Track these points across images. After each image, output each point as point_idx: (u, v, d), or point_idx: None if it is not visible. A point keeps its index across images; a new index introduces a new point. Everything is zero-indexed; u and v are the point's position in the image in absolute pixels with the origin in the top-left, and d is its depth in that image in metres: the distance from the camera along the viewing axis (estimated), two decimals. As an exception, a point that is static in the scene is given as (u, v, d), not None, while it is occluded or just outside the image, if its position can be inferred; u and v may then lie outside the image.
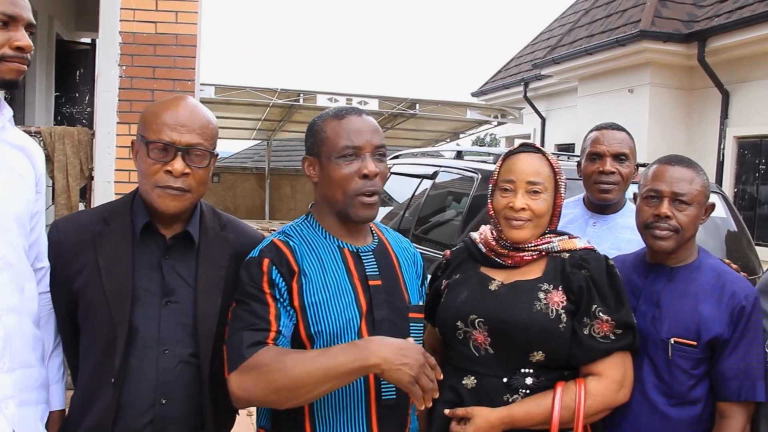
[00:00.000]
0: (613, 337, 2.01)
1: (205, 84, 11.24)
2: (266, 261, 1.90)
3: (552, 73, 13.06)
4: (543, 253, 2.11)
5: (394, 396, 1.92)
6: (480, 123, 14.50)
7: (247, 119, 15.30)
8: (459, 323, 2.08)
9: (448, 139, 16.28)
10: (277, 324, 1.84)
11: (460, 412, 2.02)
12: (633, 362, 2.08)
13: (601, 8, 12.51)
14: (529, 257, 2.10)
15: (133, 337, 1.89)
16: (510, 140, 17.50)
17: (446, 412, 2.04)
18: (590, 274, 2.04)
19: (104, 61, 5.10)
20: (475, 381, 2.05)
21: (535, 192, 2.08)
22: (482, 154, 5.10)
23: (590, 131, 2.82)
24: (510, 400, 2.01)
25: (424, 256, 2.25)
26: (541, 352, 2.00)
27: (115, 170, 5.06)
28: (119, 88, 5.09)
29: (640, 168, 2.75)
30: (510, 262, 2.12)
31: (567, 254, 2.10)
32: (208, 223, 2.05)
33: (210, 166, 1.98)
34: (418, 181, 5.31)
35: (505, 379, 2.03)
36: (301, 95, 12.23)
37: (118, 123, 5.07)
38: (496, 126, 15.22)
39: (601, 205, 2.76)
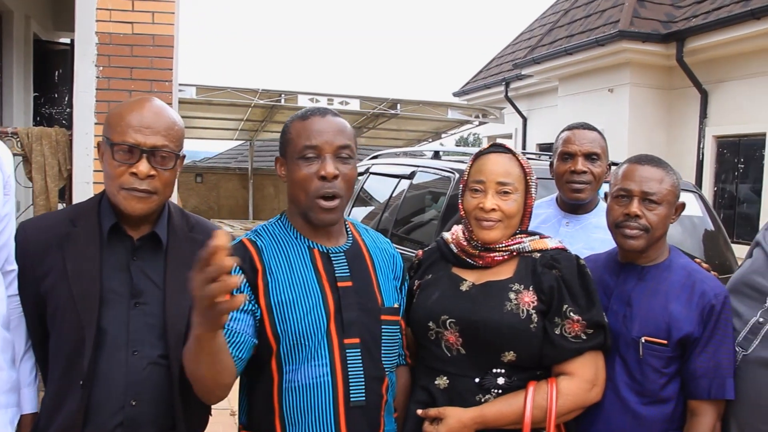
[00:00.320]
0: (584, 337, 2.02)
1: (185, 84, 11.19)
2: None
3: (533, 73, 13.12)
4: (514, 254, 2.11)
5: (363, 398, 1.92)
6: (461, 123, 14.52)
7: (229, 119, 15.23)
8: (431, 324, 2.08)
9: (430, 139, 16.29)
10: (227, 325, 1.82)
11: (432, 412, 2.02)
12: (605, 361, 2.09)
13: (581, 8, 12.58)
14: (500, 257, 2.11)
15: (102, 339, 1.88)
16: (492, 140, 17.53)
17: (419, 412, 2.04)
18: (561, 273, 2.05)
19: (81, 62, 5.06)
20: (448, 381, 2.06)
21: (506, 192, 2.08)
22: (459, 154, 5.12)
23: (562, 131, 2.83)
24: (482, 400, 2.01)
25: (402, 256, 2.26)
26: (512, 352, 2.01)
27: (94, 171, 5.02)
28: (96, 89, 5.05)
29: (612, 167, 2.77)
30: (481, 262, 2.12)
31: (538, 254, 2.11)
32: (177, 225, 2.05)
33: (176, 168, 1.97)
34: (396, 180, 5.31)
35: (477, 379, 2.03)
36: (283, 96, 12.20)
37: (95, 124, 5.03)
38: (477, 126, 15.25)
39: (574, 204, 2.76)
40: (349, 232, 2.11)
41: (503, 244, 2.11)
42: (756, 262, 2.22)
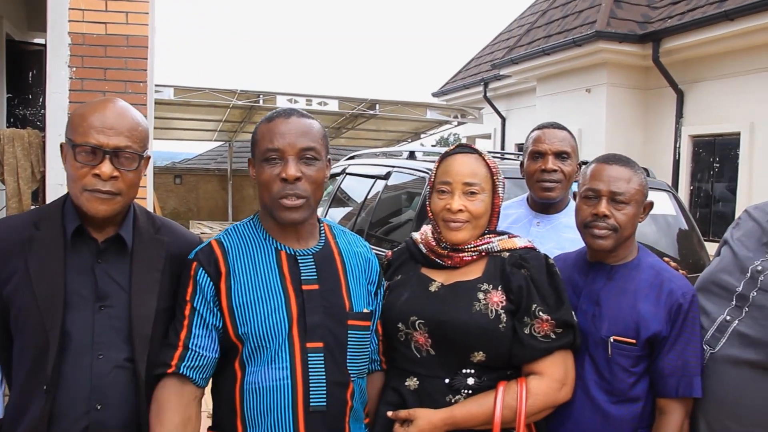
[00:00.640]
0: (553, 336, 2.02)
1: (163, 85, 11.11)
2: (194, 264, 1.95)
3: (511, 73, 13.15)
4: (483, 254, 2.11)
5: (323, 404, 1.91)
6: (440, 123, 14.54)
7: (207, 120, 15.14)
8: (400, 325, 2.08)
9: (410, 140, 16.30)
10: (186, 343, 1.91)
11: (402, 414, 2.01)
12: (574, 361, 2.10)
13: (558, 9, 12.63)
14: (469, 258, 2.11)
15: (66, 343, 1.85)
16: (471, 140, 17.57)
17: (389, 414, 2.04)
18: (530, 273, 2.05)
19: (54, 63, 5.01)
20: (418, 382, 2.05)
21: (472, 193, 2.08)
22: (435, 154, 5.12)
23: (532, 130, 2.84)
24: (452, 400, 2.01)
25: (377, 257, 2.25)
26: (481, 352, 2.00)
27: (67, 173, 4.98)
28: (70, 90, 5.01)
29: (582, 167, 2.78)
30: (450, 262, 2.12)
31: (507, 254, 2.11)
32: (142, 227, 2.03)
33: (140, 169, 1.96)
34: (372, 181, 5.31)
35: (446, 380, 2.03)
36: (261, 96, 12.14)
37: (69, 125, 4.98)
38: (456, 126, 15.27)
39: (544, 204, 2.77)
40: (323, 234, 2.10)
41: (472, 245, 2.11)
42: (723, 260, 2.24)
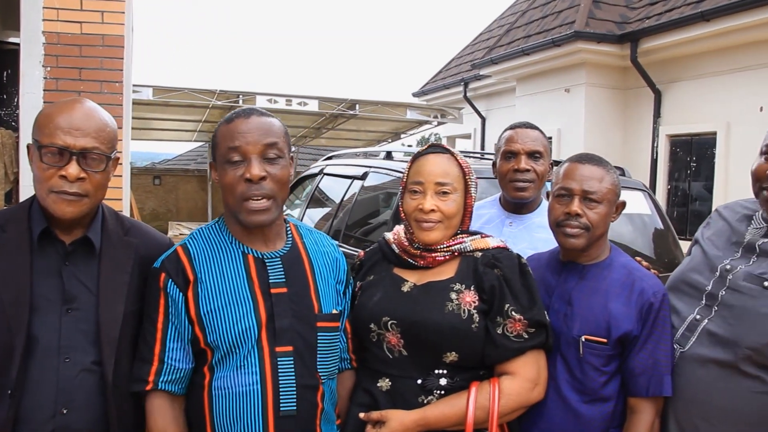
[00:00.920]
0: (526, 336, 2.02)
1: (141, 85, 11.03)
2: (162, 275, 1.93)
3: (491, 73, 13.19)
4: (455, 254, 2.11)
5: (294, 408, 1.90)
6: (420, 123, 14.54)
7: (187, 121, 15.04)
8: (372, 325, 2.07)
9: (390, 140, 16.28)
10: (161, 357, 1.90)
11: (374, 415, 2.00)
12: (547, 360, 2.10)
13: (538, 9, 12.69)
14: (442, 258, 2.10)
15: (32, 346, 1.83)
16: (451, 140, 17.61)
17: (361, 416, 2.03)
18: (502, 273, 2.05)
19: (27, 62, 4.96)
20: (390, 383, 2.05)
21: (445, 193, 2.07)
22: (411, 155, 5.08)
23: (504, 130, 2.84)
24: (425, 401, 2.00)
25: (355, 257, 2.24)
26: (454, 352, 2.00)
27: (42, 174, 4.92)
28: (44, 90, 4.95)
29: (555, 166, 2.78)
30: (422, 263, 2.11)
31: (480, 254, 2.11)
32: (111, 228, 2.01)
33: (108, 170, 1.94)
34: (350, 181, 5.29)
35: (419, 381, 2.02)
36: (241, 96, 12.07)
37: (43, 125, 4.93)
38: (436, 126, 15.28)
39: (517, 204, 2.77)
40: (290, 235, 2.08)
41: (444, 245, 2.10)
42: (694, 259, 2.25)
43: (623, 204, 2.26)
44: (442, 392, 2.01)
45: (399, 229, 2.24)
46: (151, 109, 12.68)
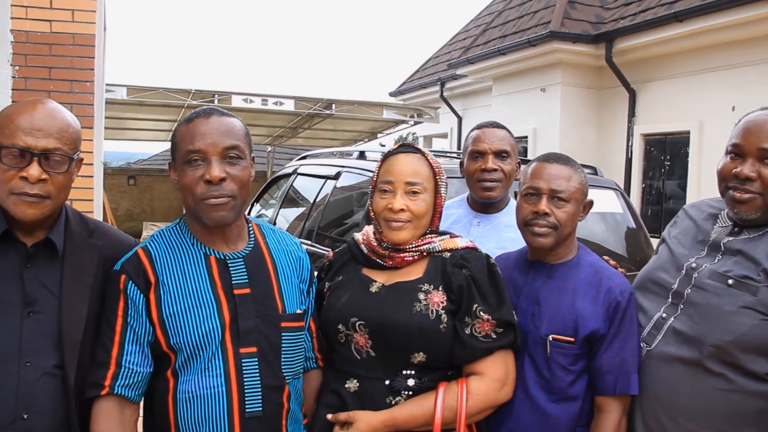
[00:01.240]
0: (494, 336, 2.02)
1: (115, 85, 10.95)
2: (123, 277, 1.90)
3: (467, 72, 13.22)
4: (424, 254, 2.11)
5: (259, 409, 1.89)
6: (397, 123, 14.56)
7: (162, 120, 14.95)
8: (340, 326, 2.06)
9: (366, 139, 16.30)
10: (119, 360, 1.86)
11: (342, 416, 2.00)
12: (515, 360, 2.10)
13: (514, 9, 12.74)
14: (410, 258, 2.10)
15: None
16: (428, 139, 17.65)
17: (329, 417, 2.02)
18: (471, 273, 2.05)
19: (-5, 61, 4.88)
20: (358, 384, 2.04)
21: (414, 192, 2.07)
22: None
23: (471, 130, 2.84)
24: (393, 402, 2.00)
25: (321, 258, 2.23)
26: (422, 353, 2.00)
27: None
28: (12, 89, 4.86)
29: (522, 166, 2.78)
30: (391, 263, 2.11)
31: (448, 254, 2.10)
32: (74, 230, 1.98)
33: (71, 171, 1.91)
34: (323, 181, 5.28)
35: (387, 381, 2.01)
36: (216, 96, 12.02)
37: (12, 126, 4.85)
38: (413, 125, 15.30)
39: (485, 204, 2.77)
40: (252, 235, 2.07)
41: (413, 245, 2.10)
42: (660, 258, 2.27)
43: (591, 203, 2.26)
44: (410, 393, 2.01)
45: (368, 229, 2.23)
46: (125, 108, 12.59)
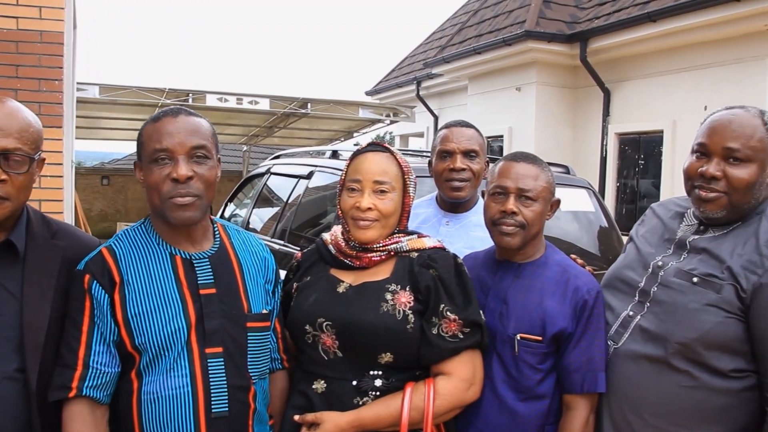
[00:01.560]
0: (461, 336, 2.01)
1: (87, 83, 10.82)
2: (87, 277, 1.87)
3: (443, 72, 13.24)
4: (392, 254, 2.10)
5: (226, 409, 1.88)
6: (373, 122, 14.53)
7: (136, 120, 14.79)
8: (307, 327, 2.04)
9: (342, 138, 16.25)
10: (86, 361, 1.83)
11: (309, 417, 1.98)
12: (483, 359, 2.09)
13: (489, 9, 12.77)
14: (378, 258, 2.08)
15: None
16: (404, 138, 17.66)
17: (296, 418, 2.01)
18: (438, 273, 2.04)
19: (-41, 59, 4.79)
20: (325, 385, 2.02)
21: (382, 191, 2.06)
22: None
23: (440, 129, 2.83)
24: (360, 402, 1.99)
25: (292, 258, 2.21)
26: (389, 353, 1.99)
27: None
28: (-22, 88, 4.80)
29: (491, 165, 2.77)
30: (359, 263, 2.09)
31: (416, 254, 2.09)
32: (36, 231, 1.94)
33: (32, 172, 1.87)
34: (296, 181, 5.25)
35: (354, 382, 2.00)
36: (191, 95, 11.91)
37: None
38: (389, 124, 15.29)
39: (453, 203, 2.76)
40: (217, 235, 2.06)
41: (380, 244, 2.09)
42: (628, 256, 2.28)
43: (558, 202, 2.27)
44: (378, 393, 2.00)
45: (336, 229, 2.22)
46: (99, 107, 12.43)
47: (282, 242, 4.94)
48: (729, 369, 1.94)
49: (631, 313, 2.12)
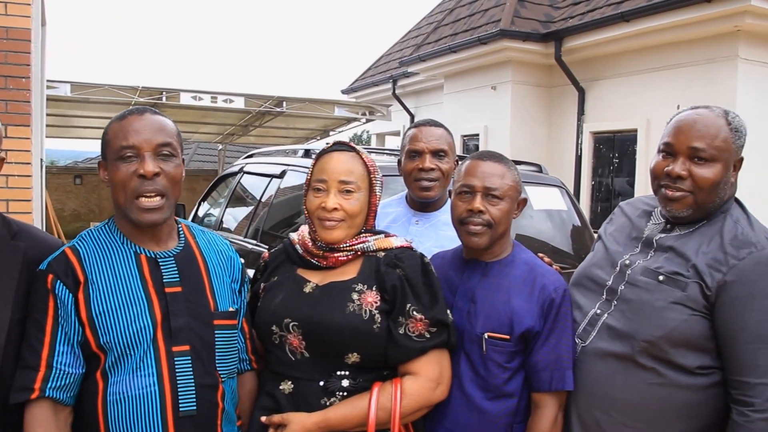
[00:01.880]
0: (428, 336, 2.00)
1: (58, 81, 10.68)
2: (50, 277, 1.85)
3: (419, 70, 13.25)
4: (359, 253, 2.08)
5: (194, 408, 1.86)
6: (349, 120, 14.50)
7: (109, 118, 14.62)
8: (274, 327, 2.03)
9: (318, 137, 16.20)
10: (50, 362, 1.80)
11: (276, 419, 1.97)
12: (451, 359, 2.09)
13: (465, 7, 12.79)
14: (344, 258, 2.07)
15: None
16: (381, 137, 17.65)
17: (262, 419, 1.99)
18: (404, 272, 2.03)
19: (-76, 56, 4.70)
20: (292, 386, 2.01)
21: (348, 191, 2.05)
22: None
23: (408, 128, 2.82)
24: (327, 403, 1.97)
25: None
26: (356, 353, 1.97)
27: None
28: (-58, 85, 4.71)
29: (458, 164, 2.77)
30: (325, 263, 2.08)
31: (383, 253, 2.08)
32: None
33: None
34: (269, 180, 5.22)
35: (321, 383, 1.99)
36: (164, 93, 11.80)
37: (-58, 123, 4.68)
38: (364, 123, 15.26)
39: (423, 202, 2.74)
40: (182, 235, 2.05)
41: (347, 244, 2.07)
42: (596, 255, 2.28)
43: (525, 201, 2.27)
44: (345, 394, 1.98)
45: (303, 229, 2.20)
46: (71, 106, 12.28)
47: (255, 242, 4.90)
48: (695, 366, 1.95)
49: (599, 311, 2.12)
